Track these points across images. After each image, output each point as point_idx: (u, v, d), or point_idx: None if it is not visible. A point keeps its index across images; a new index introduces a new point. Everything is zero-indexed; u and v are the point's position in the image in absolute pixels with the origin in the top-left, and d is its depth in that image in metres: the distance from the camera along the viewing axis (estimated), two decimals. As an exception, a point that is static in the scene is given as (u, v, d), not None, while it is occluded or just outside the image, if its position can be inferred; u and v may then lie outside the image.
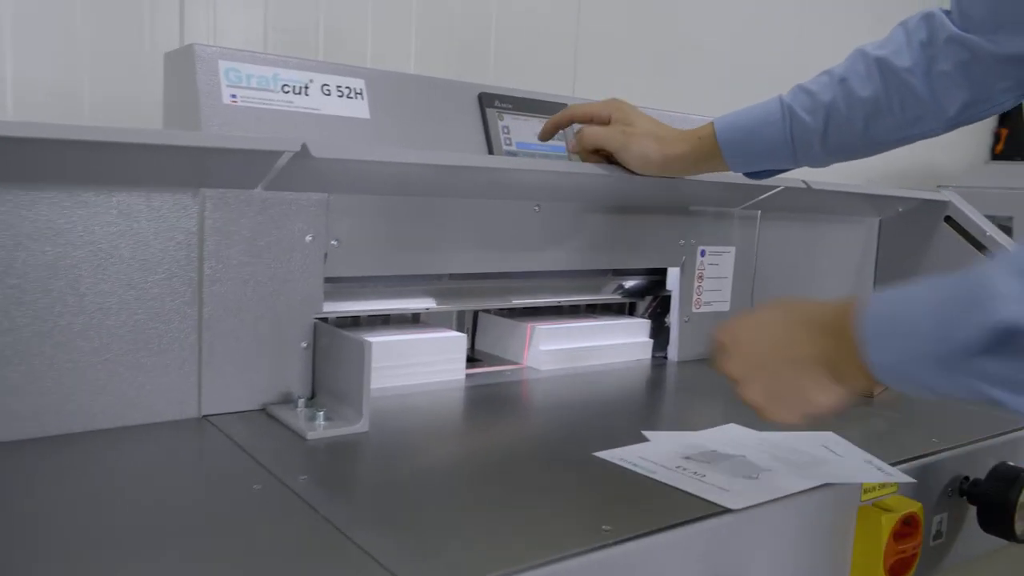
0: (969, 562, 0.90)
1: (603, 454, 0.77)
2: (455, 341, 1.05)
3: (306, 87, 0.88)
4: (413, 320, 1.11)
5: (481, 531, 0.60)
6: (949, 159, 3.27)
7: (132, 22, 1.15)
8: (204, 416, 0.82)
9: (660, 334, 1.26)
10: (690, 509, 0.65)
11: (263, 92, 0.85)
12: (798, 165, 0.99)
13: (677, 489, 0.69)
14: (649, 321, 1.26)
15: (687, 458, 0.77)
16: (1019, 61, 0.84)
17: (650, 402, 1.06)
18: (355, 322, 1.04)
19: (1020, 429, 0.95)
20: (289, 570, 0.52)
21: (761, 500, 0.68)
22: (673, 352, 1.23)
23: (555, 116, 1.02)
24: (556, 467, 0.75)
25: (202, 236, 0.80)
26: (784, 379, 0.66)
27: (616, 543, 0.58)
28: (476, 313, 1.21)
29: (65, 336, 0.74)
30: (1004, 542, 0.88)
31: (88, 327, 0.75)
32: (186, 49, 0.84)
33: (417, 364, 0.99)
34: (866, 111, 0.91)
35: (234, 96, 0.83)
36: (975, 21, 0.85)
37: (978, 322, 0.50)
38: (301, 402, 0.85)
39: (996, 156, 3.62)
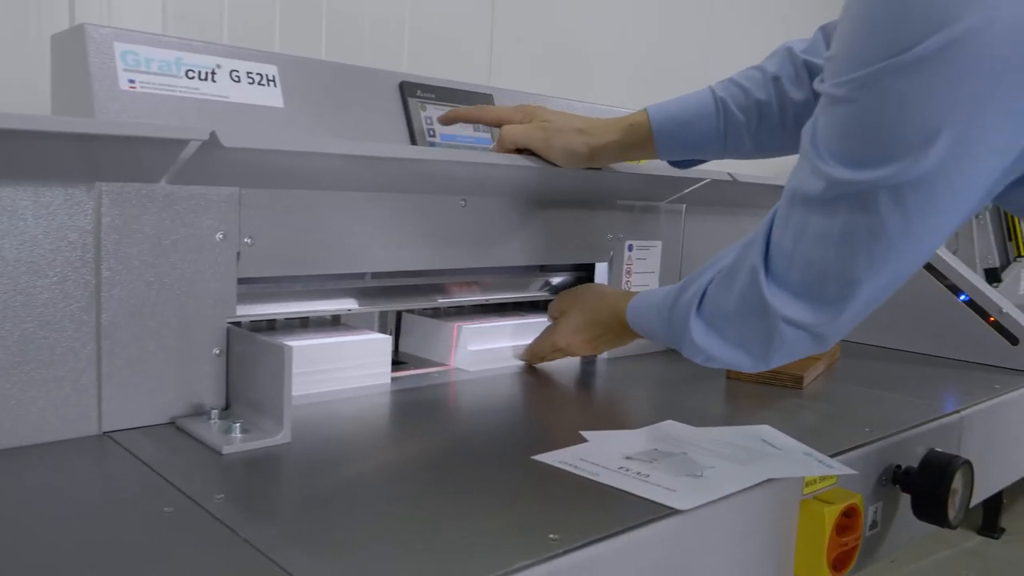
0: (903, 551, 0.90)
1: (542, 457, 0.73)
2: (379, 343, 0.99)
3: (213, 73, 0.81)
4: (333, 322, 1.05)
5: (419, 548, 0.55)
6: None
7: (17, 1, 1.05)
8: (105, 433, 0.75)
9: (588, 331, 1.23)
10: (638, 512, 0.62)
11: (165, 77, 0.78)
12: (725, 157, 0.99)
13: (623, 492, 0.66)
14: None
15: (629, 458, 0.74)
16: None
17: (584, 401, 1.03)
18: (271, 326, 0.97)
19: (948, 415, 0.96)
20: (207, 604, 0.47)
21: (708, 499, 0.65)
22: (602, 349, 1.21)
23: (463, 109, 1.01)
24: (494, 474, 0.71)
25: (99, 235, 0.73)
26: (610, 347, 1.08)
27: (565, 552, 0.55)
28: (399, 314, 1.16)
29: (-60, 349, 0.66)
30: (936, 528, 0.89)
31: (-33, 338, 0.67)
32: (76, 30, 0.77)
33: (340, 369, 0.94)
34: (796, 112, 0.92)
35: (132, 81, 0.76)
36: None
37: (687, 341, 0.78)
38: (215, 414, 0.78)
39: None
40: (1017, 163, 0.60)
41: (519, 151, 0.97)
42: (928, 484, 0.85)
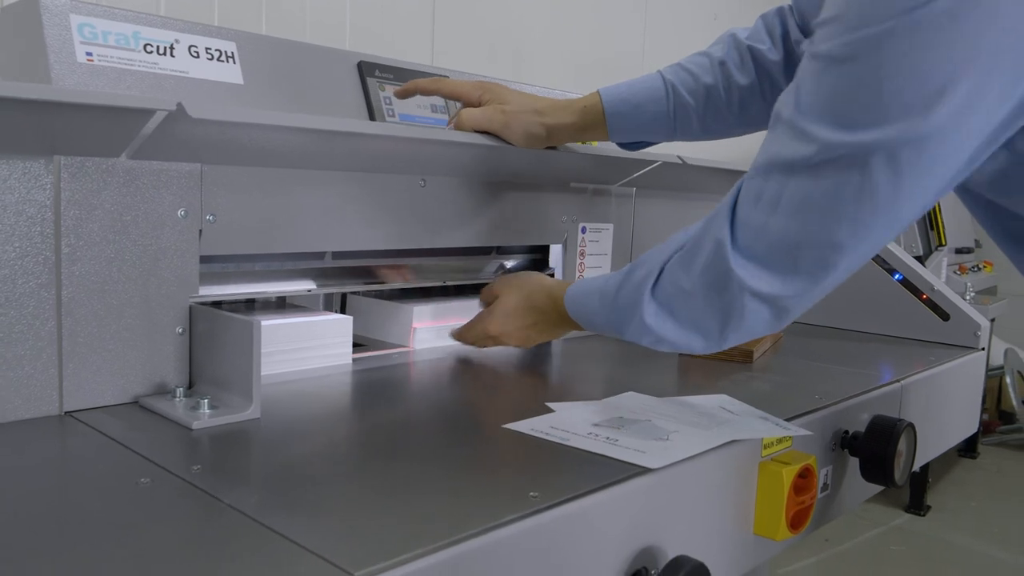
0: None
1: (513, 426, 0.75)
2: (341, 324, 0.99)
3: (171, 48, 0.80)
4: (279, 304, 1.04)
5: (404, 508, 0.56)
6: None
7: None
8: (67, 413, 0.73)
9: (543, 313, 1.25)
10: (611, 472, 0.64)
11: (123, 51, 0.77)
12: (674, 140, 1.02)
13: (595, 454, 0.68)
14: (529, 301, 1.25)
15: (596, 425, 0.76)
16: None
17: (545, 377, 1.05)
18: (216, 306, 0.96)
19: (890, 384, 1.01)
20: (209, 562, 0.47)
21: (676, 459, 0.67)
22: (558, 330, 1.23)
23: (420, 81, 1.00)
24: (469, 441, 0.72)
25: (58, 210, 0.71)
26: (542, 339, 1.02)
27: (547, 508, 0.56)
28: (344, 296, 1.16)
29: None
30: (881, 488, 0.94)
31: (-77, 315, 0.65)
32: (28, 1, 0.75)
33: (302, 348, 0.93)
34: (742, 96, 0.95)
35: (89, 54, 0.74)
36: (810, 29, 0.91)
37: (636, 324, 0.77)
38: (179, 392, 0.77)
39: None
40: (1003, 127, 0.61)
41: (476, 134, 0.98)
42: (875, 447, 0.89)
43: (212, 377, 0.79)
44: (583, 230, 1.23)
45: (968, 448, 3.71)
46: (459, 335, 1.06)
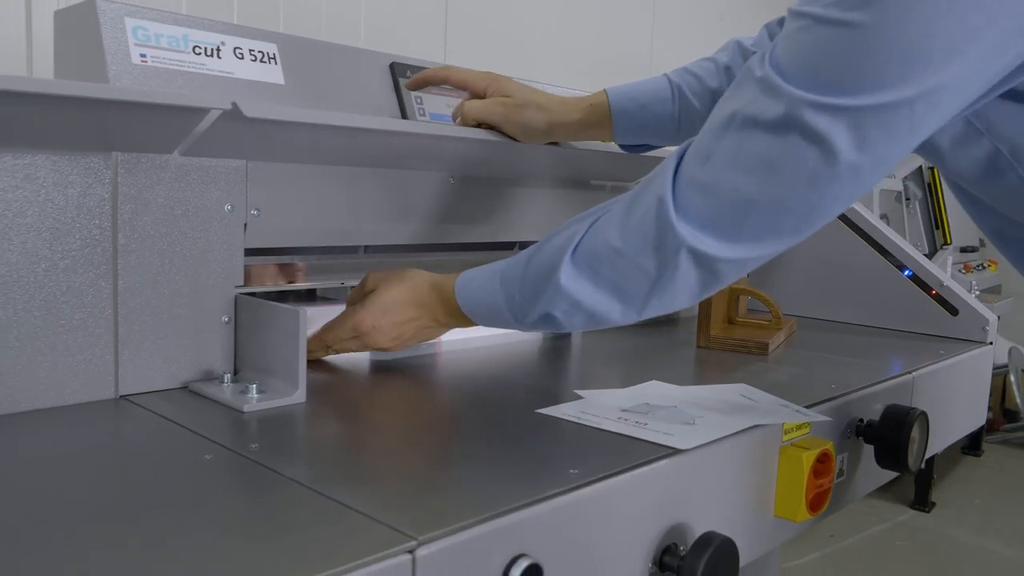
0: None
1: (546, 411, 0.78)
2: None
3: (218, 49, 0.84)
4: (308, 296, 1.08)
5: (454, 482, 0.60)
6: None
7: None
8: (122, 396, 0.77)
9: (563, 307, 1.29)
10: (643, 452, 0.68)
11: (174, 53, 0.81)
12: (676, 142, 1.04)
13: (626, 436, 0.72)
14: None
15: (625, 410, 0.80)
16: None
17: (570, 367, 1.08)
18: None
19: (902, 375, 1.05)
20: (282, 529, 0.50)
21: (705, 441, 0.71)
22: (577, 323, 1.26)
23: (429, 71, 1.01)
24: (506, 424, 0.76)
25: (115, 204, 0.75)
26: (416, 339, 0.93)
27: (587, 484, 0.60)
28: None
29: (-34, 312, 0.68)
30: (895, 474, 0.97)
31: (-8, 302, 0.69)
32: (86, 5, 0.78)
33: (335, 339, 0.97)
34: None
35: (143, 56, 0.78)
36: None
37: (548, 294, 0.73)
38: (227, 378, 0.81)
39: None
40: (972, 104, 0.63)
41: (479, 125, 0.99)
42: (889, 434, 0.92)
43: (256, 363, 0.83)
44: (602, 226, 1.27)
45: (972, 446, 3.74)
46: (315, 337, 0.93)
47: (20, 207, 0.70)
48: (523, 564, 0.53)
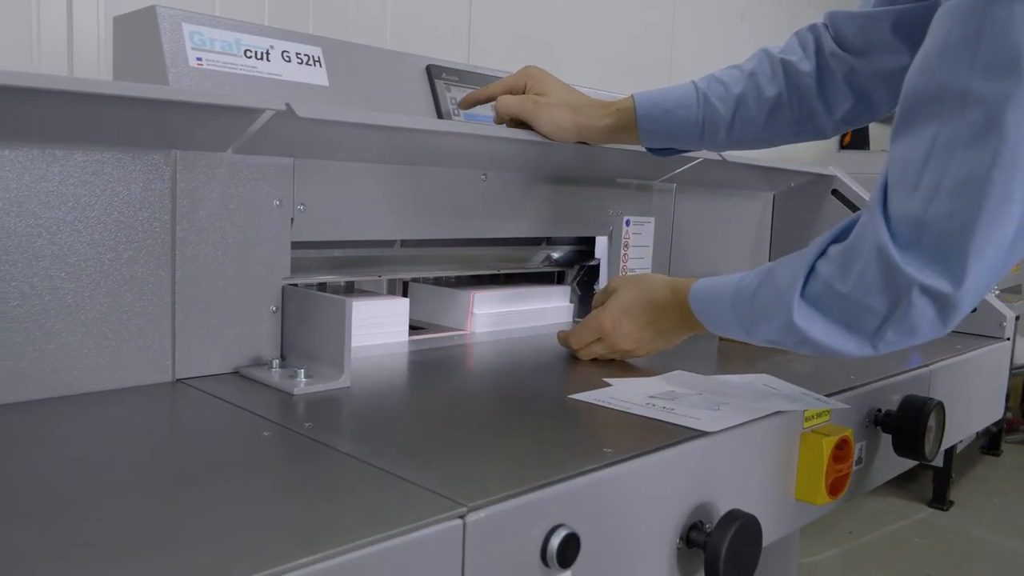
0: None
1: (577, 396, 0.82)
2: (399, 305, 1.08)
3: (267, 53, 0.89)
4: (347, 288, 1.13)
5: (497, 457, 0.64)
6: (803, 149, 3.57)
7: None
8: (178, 380, 0.82)
9: (587, 301, 1.33)
10: (672, 434, 0.72)
11: (227, 56, 0.85)
12: (701, 148, 1.08)
13: (655, 420, 0.76)
14: (570, 288, 1.33)
15: (652, 396, 0.84)
16: (890, 75, 0.96)
17: (594, 360, 1.12)
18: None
19: (920, 368, 1.08)
20: (341, 497, 0.55)
21: (731, 424, 0.75)
22: (603, 317, 1.30)
23: (476, 92, 1.06)
24: (540, 407, 0.80)
25: (174, 198, 0.80)
26: (655, 344, 0.99)
27: (620, 461, 0.64)
28: (406, 283, 1.24)
29: (40, 300, 0.72)
30: (912, 463, 1.01)
31: (64, 290, 0.74)
32: (147, 11, 0.83)
33: (364, 327, 1.02)
34: (770, 107, 1.01)
35: (199, 59, 0.83)
36: (847, 42, 0.98)
37: (778, 324, 0.77)
38: (275, 363, 0.86)
39: (844, 146, 3.97)
40: None
41: (512, 121, 1.03)
42: (907, 423, 0.96)
43: (302, 350, 0.87)
44: (627, 223, 1.31)
45: (991, 445, 3.75)
46: (567, 336, 1.03)
47: (89, 201, 0.74)
48: (562, 533, 0.57)
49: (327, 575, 0.45)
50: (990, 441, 3.75)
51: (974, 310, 1.37)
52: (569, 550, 0.57)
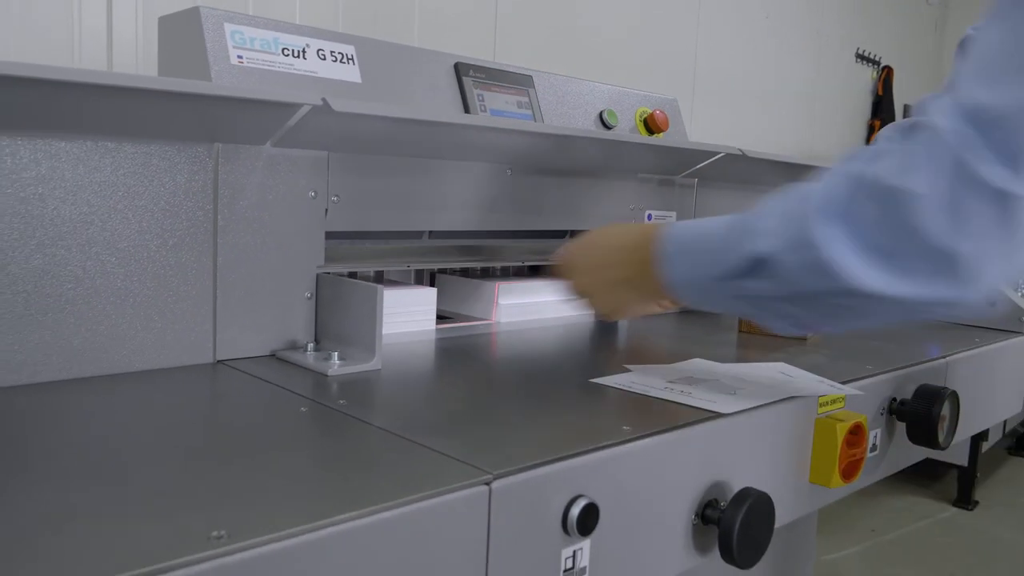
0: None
1: (599, 380, 0.86)
2: (427, 294, 1.11)
3: (303, 51, 0.93)
4: (376, 278, 1.17)
5: (521, 432, 0.68)
6: (827, 144, 3.57)
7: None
8: (219, 361, 0.86)
9: (610, 293, 1.36)
10: (689, 415, 0.75)
11: (266, 54, 0.90)
12: None
13: (673, 402, 0.79)
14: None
15: (671, 382, 0.87)
16: None
17: (618, 346, 1.15)
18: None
19: (936, 359, 1.10)
20: (376, 464, 0.59)
21: (746, 407, 0.78)
22: (624, 308, 1.34)
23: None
24: (563, 389, 0.83)
25: (216, 189, 0.84)
26: (610, 298, 0.85)
27: (638, 438, 0.67)
28: (432, 275, 1.28)
29: (93, 283, 0.77)
30: (927, 451, 1.03)
31: (114, 274, 0.78)
32: (191, 12, 0.88)
33: (393, 315, 1.05)
34: None
35: (240, 57, 0.87)
36: None
37: (740, 252, 0.65)
38: (310, 346, 0.90)
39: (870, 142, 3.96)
40: None
41: None
42: (921, 410, 0.98)
43: (335, 334, 0.92)
44: (648, 217, 1.34)
45: (1019, 446, 3.72)
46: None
47: (137, 190, 0.79)
48: (582, 503, 0.61)
49: (365, 532, 0.49)
50: (1017, 442, 3.73)
51: (992, 304, 1.38)
52: (589, 519, 0.61)
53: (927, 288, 0.59)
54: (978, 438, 3.04)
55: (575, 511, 0.61)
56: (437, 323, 1.13)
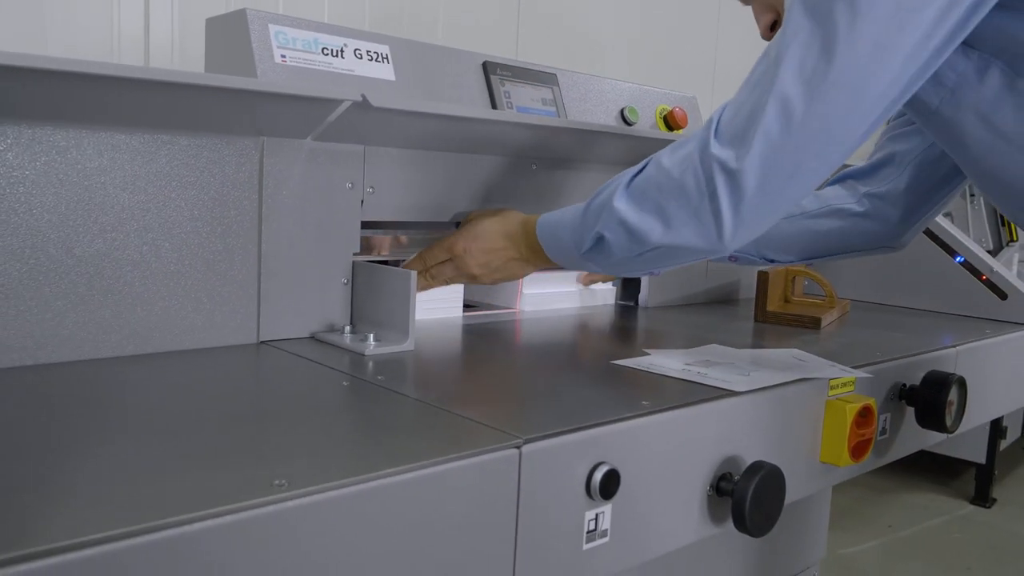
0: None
1: (620, 362, 0.91)
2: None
3: (341, 50, 0.98)
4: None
5: (550, 405, 0.73)
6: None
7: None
8: (262, 342, 0.92)
9: (630, 284, 1.41)
10: (704, 393, 0.79)
11: (307, 54, 0.95)
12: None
13: (689, 382, 0.84)
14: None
15: (688, 364, 0.92)
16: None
17: (638, 332, 1.20)
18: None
19: (946, 348, 1.14)
20: (416, 429, 0.64)
21: (759, 386, 0.83)
22: (644, 298, 1.38)
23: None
24: (586, 370, 0.88)
25: (261, 180, 0.90)
26: (501, 273, 1.00)
27: (656, 411, 0.72)
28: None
29: (149, 267, 0.83)
30: (937, 436, 1.07)
31: (168, 259, 0.84)
32: (237, 14, 0.94)
33: (423, 302, 1.10)
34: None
35: (283, 56, 0.93)
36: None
37: (587, 235, 0.83)
38: (346, 329, 0.95)
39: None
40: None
41: None
42: (929, 395, 1.02)
43: (371, 318, 0.97)
44: (668, 211, 1.38)
45: (1037, 444, 3.72)
46: (416, 259, 1.03)
47: (190, 180, 0.85)
48: (604, 469, 0.66)
49: (409, 485, 0.54)
50: (1036, 440, 3.72)
51: (1004, 297, 1.42)
52: (611, 484, 0.66)
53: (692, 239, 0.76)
54: (996, 436, 3.05)
55: (598, 476, 0.65)
56: (464, 311, 1.19)
